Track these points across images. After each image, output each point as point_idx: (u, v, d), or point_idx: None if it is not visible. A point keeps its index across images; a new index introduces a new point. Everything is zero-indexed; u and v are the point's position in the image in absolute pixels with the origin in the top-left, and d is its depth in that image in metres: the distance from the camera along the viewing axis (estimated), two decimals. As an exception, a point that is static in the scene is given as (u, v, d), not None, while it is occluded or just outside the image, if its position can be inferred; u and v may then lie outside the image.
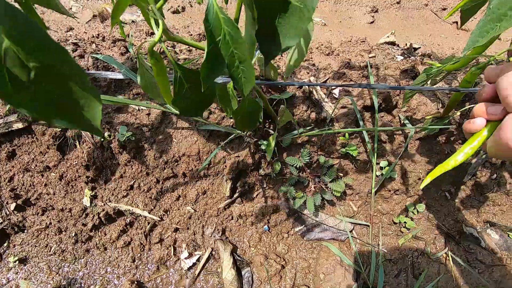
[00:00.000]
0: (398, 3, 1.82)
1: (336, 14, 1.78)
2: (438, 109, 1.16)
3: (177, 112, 0.63)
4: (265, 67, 0.50)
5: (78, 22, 1.47)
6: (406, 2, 1.85)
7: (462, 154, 0.53)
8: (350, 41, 1.36)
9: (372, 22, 1.75)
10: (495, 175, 1.18)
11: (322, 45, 1.37)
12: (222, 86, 0.83)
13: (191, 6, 1.69)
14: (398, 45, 1.47)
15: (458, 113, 1.14)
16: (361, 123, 1.03)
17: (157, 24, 0.45)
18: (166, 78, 0.50)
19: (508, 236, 1.19)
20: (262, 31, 0.42)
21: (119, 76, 0.76)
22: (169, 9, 1.62)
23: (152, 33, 1.39)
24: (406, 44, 1.45)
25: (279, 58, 1.20)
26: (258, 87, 0.88)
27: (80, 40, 1.24)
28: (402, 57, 1.30)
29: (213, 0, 0.34)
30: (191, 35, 1.44)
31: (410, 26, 1.76)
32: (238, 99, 0.76)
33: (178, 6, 1.64)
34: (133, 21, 1.49)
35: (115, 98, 0.68)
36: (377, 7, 1.79)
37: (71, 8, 1.55)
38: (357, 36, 1.53)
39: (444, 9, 1.86)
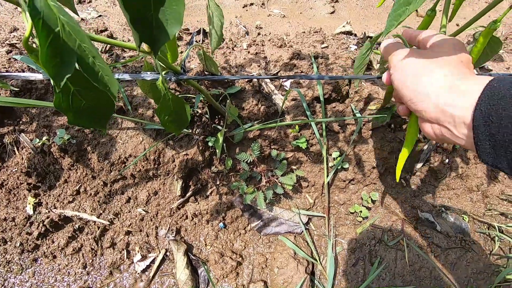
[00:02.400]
0: None
1: (296, 5, 1.76)
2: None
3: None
4: (155, 57, 0.48)
5: (23, 22, 1.40)
6: (366, -9, 1.84)
7: (410, 140, 0.62)
8: (305, 32, 1.34)
9: (332, 12, 1.74)
10: (447, 160, 1.20)
11: (275, 36, 1.35)
12: (152, 84, 0.80)
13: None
14: (355, 35, 1.47)
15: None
16: (308, 113, 1.02)
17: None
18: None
19: (463, 218, 1.22)
20: (136, 20, 0.40)
21: (40, 76, 0.72)
22: (113, 2, 1.57)
23: (103, 30, 1.34)
24: (362, 34, 1.45)
25: (223, 53, 1.18)
26: (197, 83, 0.86)
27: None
28: (356, 47, 1.30)
29: None
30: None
31: (370, 15, 1.76)
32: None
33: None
34: (82, 19, 1.43)
35: (27, 101, 0.65)
36: (337, -3, 1.78)
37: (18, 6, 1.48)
38: (316, 27, 1.52)
39: (405, -3, 1.86)
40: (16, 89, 0.88)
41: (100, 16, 1.47)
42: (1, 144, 0.98)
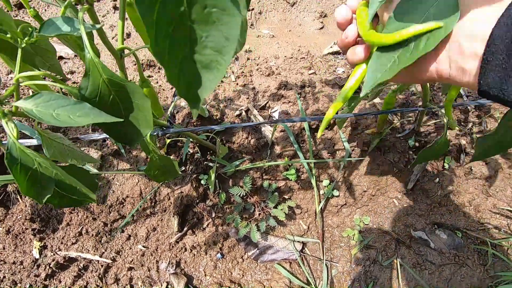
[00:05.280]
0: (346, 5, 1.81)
1: (285, 23, 1.77)
2: (376, 121, 1.18)
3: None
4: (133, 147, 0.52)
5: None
6: (355, 3, 1.84)
7: (348, 88, 0.48)
8: (292, 57, 1.36)
9: (321, 28, 1.75)
10: (437, 179, 1.22)
11: (266, 61, 1.38)
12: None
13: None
14: (343, 54, 1.48)
15: (397, 123, 1.17)
16: (296, 146, 1.05)
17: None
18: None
19: (456, 234, 1.24)
20: (110, 128, 0.44)
21: (34, 142, 0.76)
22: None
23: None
24: (350, 52, 1.46)
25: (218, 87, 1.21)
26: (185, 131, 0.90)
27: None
28: (343, 70, 1.32)
29: (13, 138, 0.35)
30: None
31: (359, 28, 1.77)
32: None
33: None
34: (76, 55, 1.47)
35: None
36: (325, 12, 1.79)
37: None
38: (304, 47, 1.54)
39: (394, 6, 1.86)
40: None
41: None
42: (5, 193, 1.03)
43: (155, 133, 0.80)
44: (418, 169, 1.19)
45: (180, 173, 1.00)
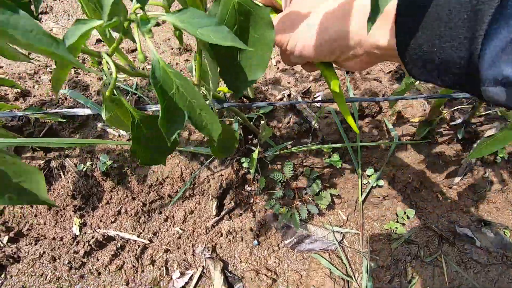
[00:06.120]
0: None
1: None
2: (424, 110, 1.13)
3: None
4: (236, 99, 0.50)
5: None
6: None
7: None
8: (333, 43, 1.32)
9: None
10: (487, 173, 1.15)
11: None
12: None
13: (172, 16, 1.66)
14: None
15: (446, 113, 1.11)
16: (341, 131, 1.01)
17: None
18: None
19: (504, 233, 1.17)
20: (225, 70, 0.41)
21: (88, 111, 0.76)
22: (149, 22, 1.60)
23: (134, 50, 1.38)
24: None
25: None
26: (236, 109, 0.87)
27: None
28: (386, 57, 1.26)
29: (157, 56, 0.33)
30: (172, 49, 1.42)
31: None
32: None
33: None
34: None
35: (79, 140, 0.69)
36: (362, 1, 1.74)
37: (51, 30, 1.54)
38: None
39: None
40: (63, 120, 0.92)
41: (129, 34, 1.51)
42: (48, 168, 1.04)
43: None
44: (466, 162, 1.13)
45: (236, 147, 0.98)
